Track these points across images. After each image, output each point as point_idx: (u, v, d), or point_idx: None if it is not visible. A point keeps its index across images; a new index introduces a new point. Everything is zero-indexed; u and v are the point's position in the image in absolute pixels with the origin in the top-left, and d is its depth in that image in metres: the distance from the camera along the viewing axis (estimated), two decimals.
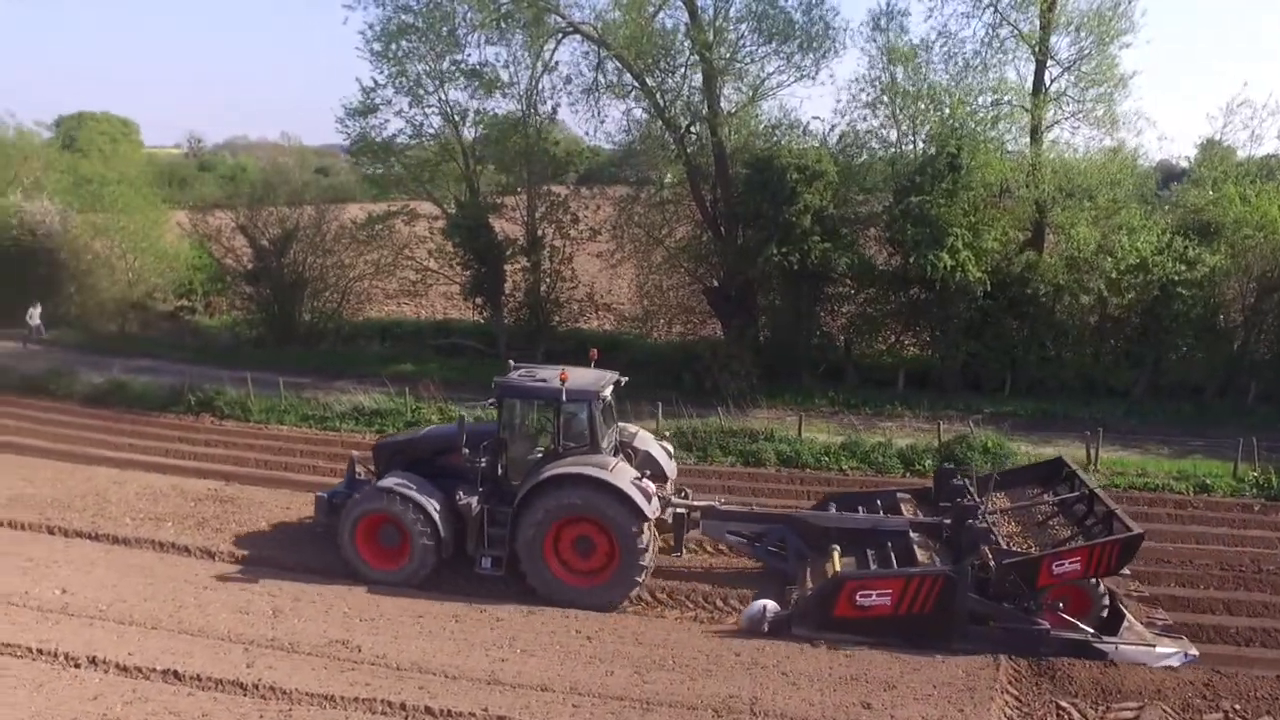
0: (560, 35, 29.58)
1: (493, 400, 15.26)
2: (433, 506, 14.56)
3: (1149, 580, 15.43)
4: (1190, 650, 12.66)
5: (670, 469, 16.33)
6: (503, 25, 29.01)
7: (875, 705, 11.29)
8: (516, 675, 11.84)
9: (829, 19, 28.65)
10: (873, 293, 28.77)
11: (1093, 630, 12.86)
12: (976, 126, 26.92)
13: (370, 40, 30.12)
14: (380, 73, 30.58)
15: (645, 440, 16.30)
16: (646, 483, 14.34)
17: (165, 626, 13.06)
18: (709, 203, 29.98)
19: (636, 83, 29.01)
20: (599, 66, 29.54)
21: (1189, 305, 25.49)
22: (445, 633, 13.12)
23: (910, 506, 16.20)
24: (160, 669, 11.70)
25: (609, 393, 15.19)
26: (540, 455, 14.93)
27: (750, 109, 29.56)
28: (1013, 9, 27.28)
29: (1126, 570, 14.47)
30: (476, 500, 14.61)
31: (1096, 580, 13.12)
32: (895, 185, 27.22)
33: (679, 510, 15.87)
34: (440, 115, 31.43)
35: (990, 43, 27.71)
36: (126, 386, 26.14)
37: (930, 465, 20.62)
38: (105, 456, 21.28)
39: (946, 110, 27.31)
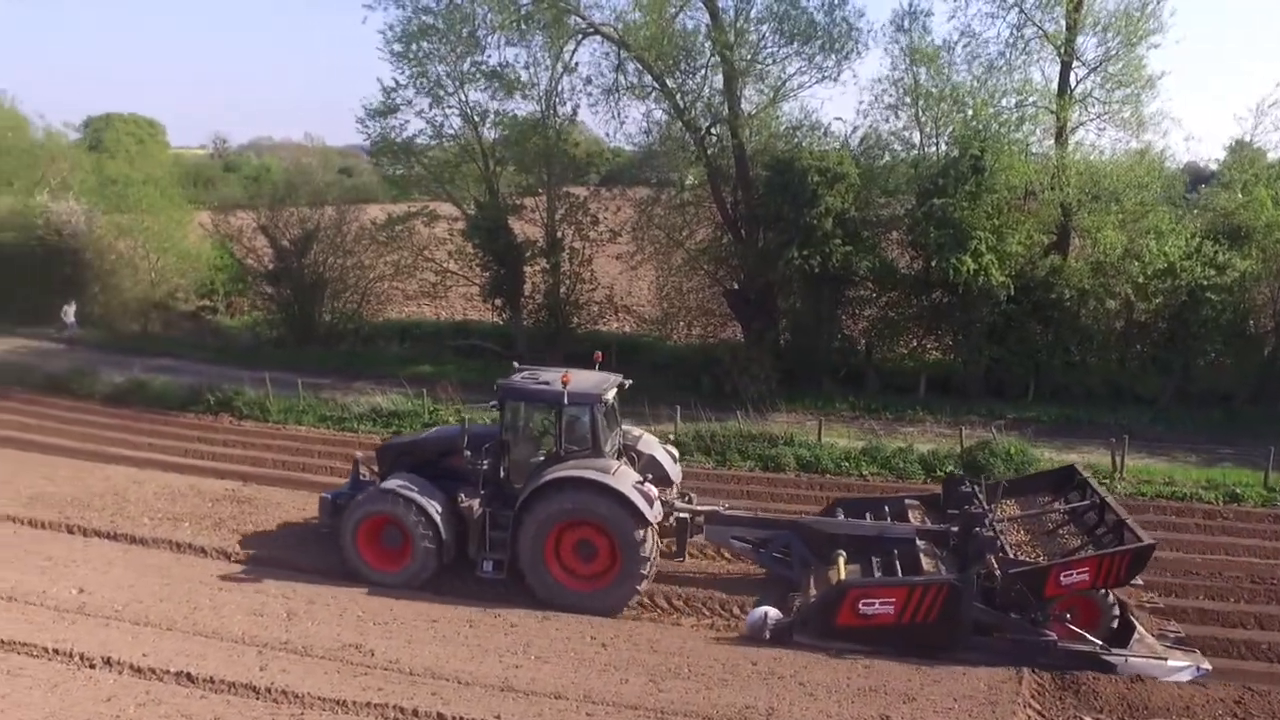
0: (580, 36, 29.48)
1: (494, 403, 15.19)
2: (435, 509, 14.50)
3: (1177, 593, 15.11)
4: (1203, 664, 12.33)
5: (674, 473, 16.16)
6: (523, 27, 28.97)
7: (894, 718, 11.09)
8: (530, 682, 11.72)
9: (851, 19, 28.44)
10: (894, 296, 28.48)
11: (1101, 642, 12.57)
12: (1000, 128, 26.59)
13: (390, 41, 30.21)
14: (401, 73, 30.68)
15: (649, 444, 16.16)
16: (649, 487, 14.21)
17: (180, 628, 13.06)
18: (729, 205, 29.79)
19: (657, 84, 28.88)
20: (619, 67, 29.45)
21: (1218, 311, 25.04)
22: (459, 638, 13.03)
23: (918, 513, 15.94)
24: (174, 671, 11.67)
25: (612, 396, 15.06)
26: (542, 458, 14.84)
27: (771, 110, 29.35)
28: (1038, 9, 27.02)
29: (1140, 580, 14.17)
30: (478, 503, 14.53)
31: (1106, 591, 12.84)
32: (918, 187, 26.89)
33: (682, 515, 15.70)
34: (460, 116, 31.42)
35: (1014, 43, 27.47)
36: (147, 386, 26.27)
37: (952, 470, 20.33)
38: (125, 455, 21.38)
39: (970, 112, 27.00)
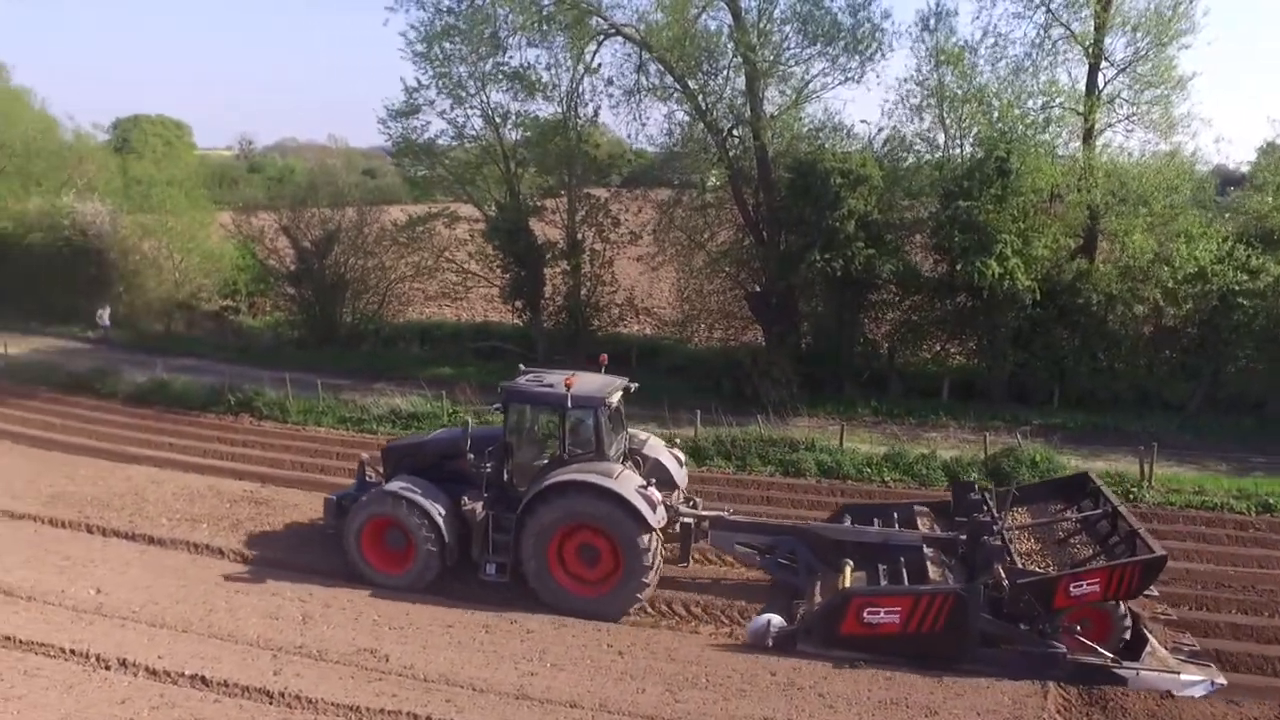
0: (602, 37, 29.39)
1: (498, 405, 15.10)
2: (438, 511, 14.44)
3: (1209, 606, 14.72)
4: (1218, 679, 11.98)
5: (680, 477, 15.97)
6: (544, 28, 28.87)
7: None
8: (545, 690, 11.57)
9: (876, 20, 28.14)
10: (918, 300, 28.14)
11: (1112, 655, 12.24)
12: (1026, 130, 26.18)
13: (412, 42, 30.23)
14: (424, 74, 30.69)
15: (655, 448, 15.97)
16: (652, 491, 14.04)
17: (196, 630, 13.04)
18: (751, 207, 29.55)
19: (678, 85, 28.71)
20: (641, 68, 29.31)
21: (1250, 316, 24.47)
22: (475, 643, 12.90)
23: (927, 520, 15.65)
24: (188, 674, 11.64)
25: (616, 399, 14.92)
26: (546, 461, 14.73)
27: (794, 112, 29.03)
28: (1065, 9, 26.63)
29: (1155, 592, 13.87)
30: (481, 506, 14.46)
31: (1118, 603, 12.51)
32: (942, 190, 26.48)
33: (686, 520, 15.52)
34: (482, 117, 31.40)
35: (1041, 44, 27.06)
36: (168, 386, 26.41)
37: (976, 478, 19.96)
38: (145, 455, 21.51)
39: (995, 113, 26.61)
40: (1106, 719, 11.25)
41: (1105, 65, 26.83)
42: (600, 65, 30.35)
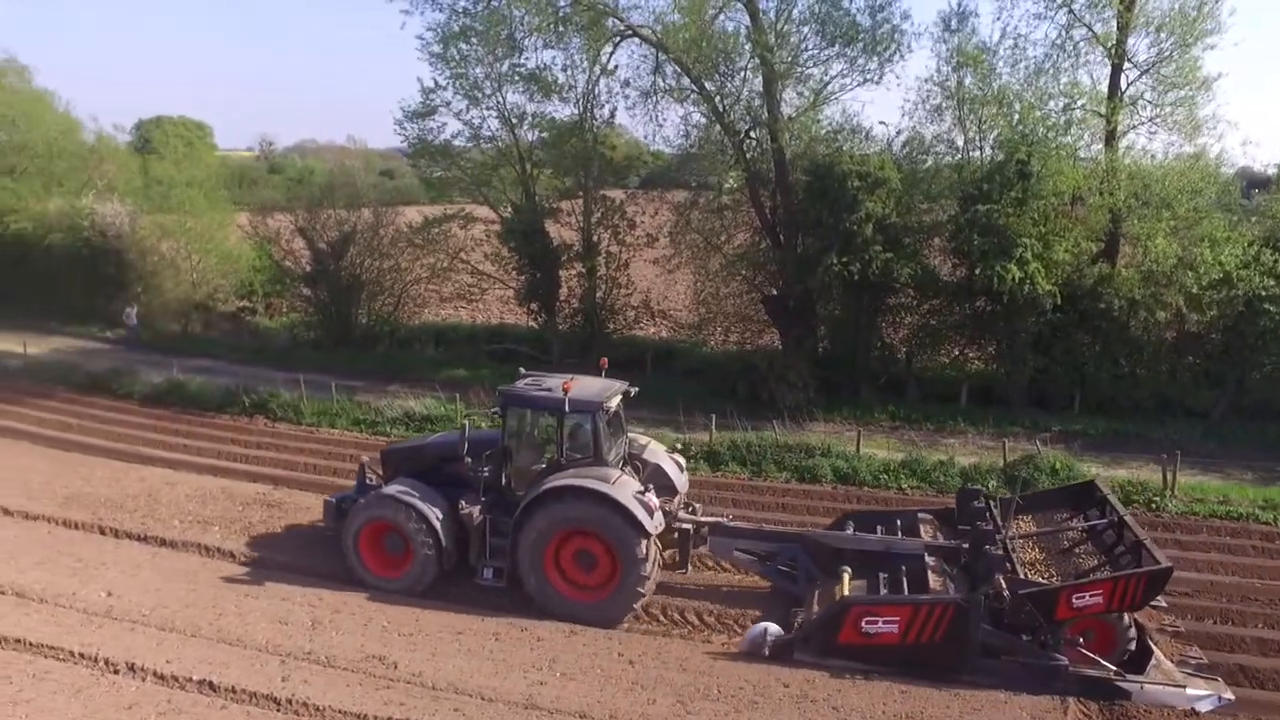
0: (618, 39, 29.26)
1: (496, 409, 15.00)
2: (435, 515, 14.36)
3: (1234, 620, 14.37)
4: (1225, 693, 11.67)
5: (680, 483, 15.76)
6: (560, 29, 28.76)
7: None
8: (555, 700, 11.43)
9: (895, 20, 27.78)
10: (936, 304, 27.73)
11: (1115, 668, 11.96)
12: (1047, 132, 25.79)
13: (429, 43, 30.23)
14: (440, 74, 30.68)
15: (655, 452, 15.79)
16: (650, 497, 13.90)
17: (204, 634, 12.99)
18: (768, 209, 29.32)
19: (695, 86, 28.51)
20: (657, 70, 29.14)
21: (1277, 322, 23.92)
22: (484, 651, 12.78)
23: (930, 528, 15.39)
24: (196, 679, 11.59)
25: (615, 403, 14.78)
26: (544, 466, 14.62)
27: (812, 114, 28.76)
28: (1087, 10, 26.16)
29: (1163, 603, 13.71)
30: (479, 510, 14.38)
31: (1123, 614, 12.23)
32: (961, 193, 26.14)
33: (685, 526, 15.34)
34: (498, 118, 31.37)
35: (1062, 45, 26.61)
36: (184, 387, 26.45)
37: (995, 485, 19.73)
38: (160, 457, 21.56)
39: (1016, 115, 26.24)
40: None
41: (1128, 66, 26.40)
42: (616, 67, 30.31)
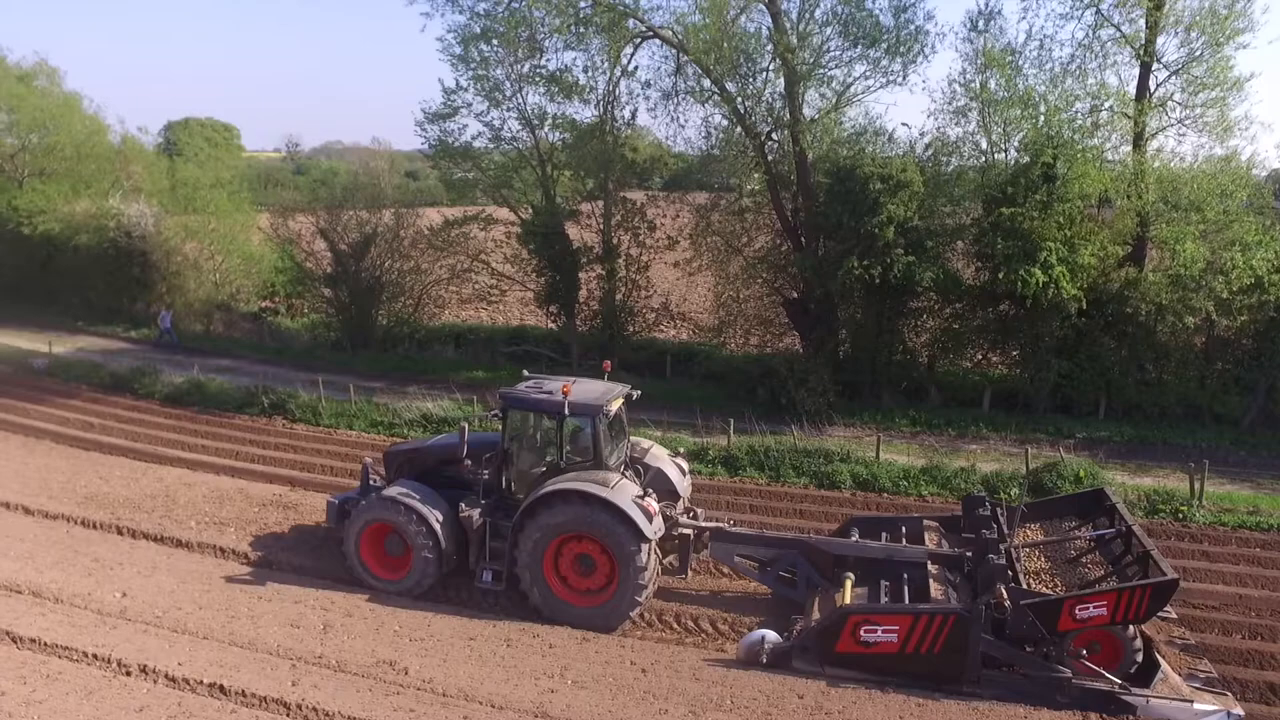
0: (639, 40, 29.13)
1: (496, 412, 14.93)
2: (435, 518, 14.31)
3: (1264, 635, 13.98)
4: (1234, 709, 11.34)
5: (683, 487, 15.61)
6: (580, 30, 28.65)
7: None
8: (565, 709, 11.29)
9: (919, 21, 27.44)
10: (959, 308, 27.32)
11: (1120, 681, 11.64)
12: (1074, 134, 25.39)
13: (450, 44, 30.23)
14: (462, 75, 30.69)
15: (658, 456, 15.64)
16: (649, 501, 13.75)
17: (217, 637, 12.98)
18: (789, 212, 29.08)
19: (716, 88, 28.31)
20: (678, 71, 28.98)
21: None
22: (496, 657, 12.67)
23: (935, 535, 15.12)
24: (207, 682, 11.57)
25: (616, 407, 14.63)
26: (544, 469, 14.51)
27: (834, 115, 28.47)
28: (1115, 9, 25.79)
29: (1173, 614, 13.42)
30: (479, 512, 14.30)
31: (1128, 626, 11.92)
32: (985, 196, 25.76)
33: (686, 531, 15.17)
34: (518, 119, 31.34)
35: (1089, 45, 26.22)
36: (204, 387, 26.57)
37: (1017, 493, 19.38)
38: (178, 457, 21.65)
39: (1041, 117, 25.84)
40: None
41: (1157, 67, 25.97)
42: (637, 68, 30.22)
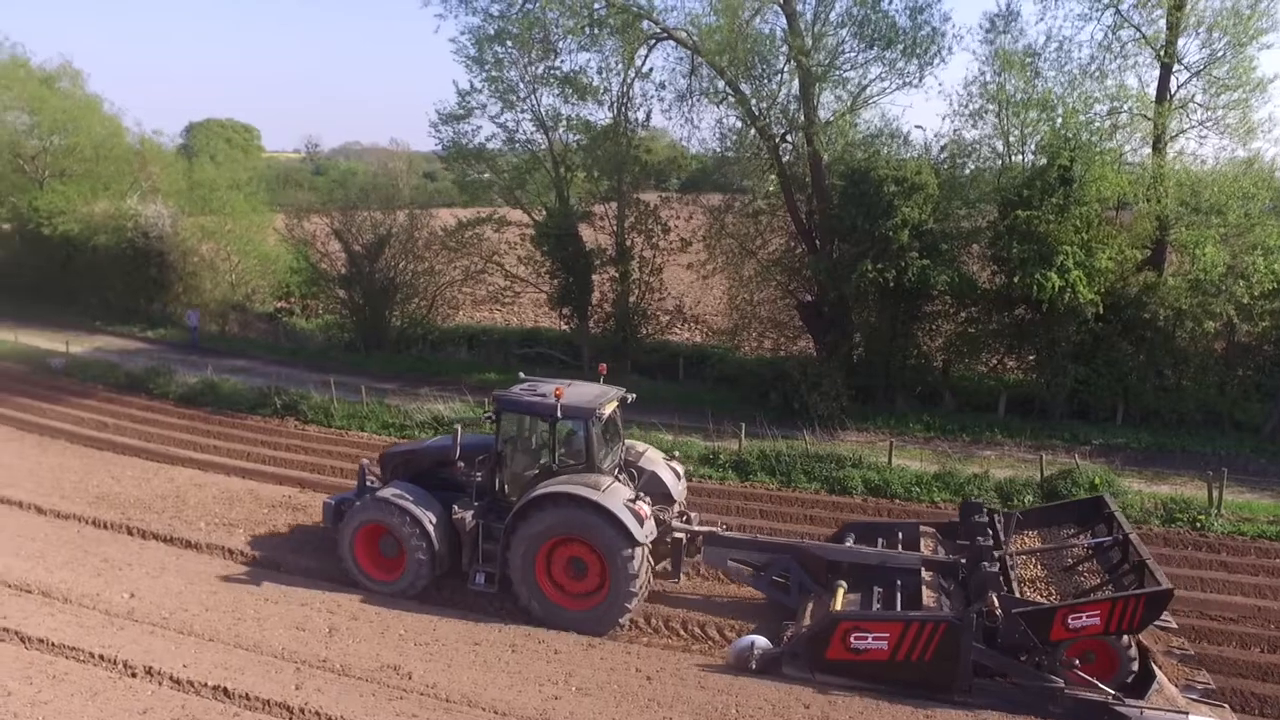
0: (653, 41, 29.03)
1: (489, 415, 14.91)
2: (428, 519, 14.31)
3: None
4: None
5: (677, 491, 15.51)
6: (594, 32, 28.58)
7: None
8: (569, 716, 11.21)
9: (935, 23, 27.16)
10: (974, 312, 27.00)
11: (1113, 691, 11.42)
12: (1092, 137, 25.06)
13: (465, 46, 30.23)
14: (476, 77, 30.69)
15: (652, 460, 15.56)
16: (641, 505, 13.67)
17: (222, 639, 12.98)
18: (804, 214, 28.89)
19: (730, 89, 28.18)
20: (693, 72, 28.87)
21: None
22: (500, 663, 12.59)
23: (932, 541, 14.95)
24: (211, 685, 11.56)
25: (610, 410, 14.54)
26: (536, 471, 14.48)
27: (849, 118, 28.22)
28: (1135, 10, 25.39)
29: (1172, 624, 13.22)
30: (471, 514, 14.27)
31: (1123, 635, 11.72)
32: (1001, 199, 25.51)
33: (679, 535, 15.07)
34: (533, 120, 31.32)
35: (1109, 46, 25.86)
36: (218, 387, 26.68)
37: (1031, 500, 19.17)
38: (190, 457, 21.75)
39: (1059, 119, 25.54)
40: None
41: (1178, 68, 25.56)
42: (651, 70, 30.14)
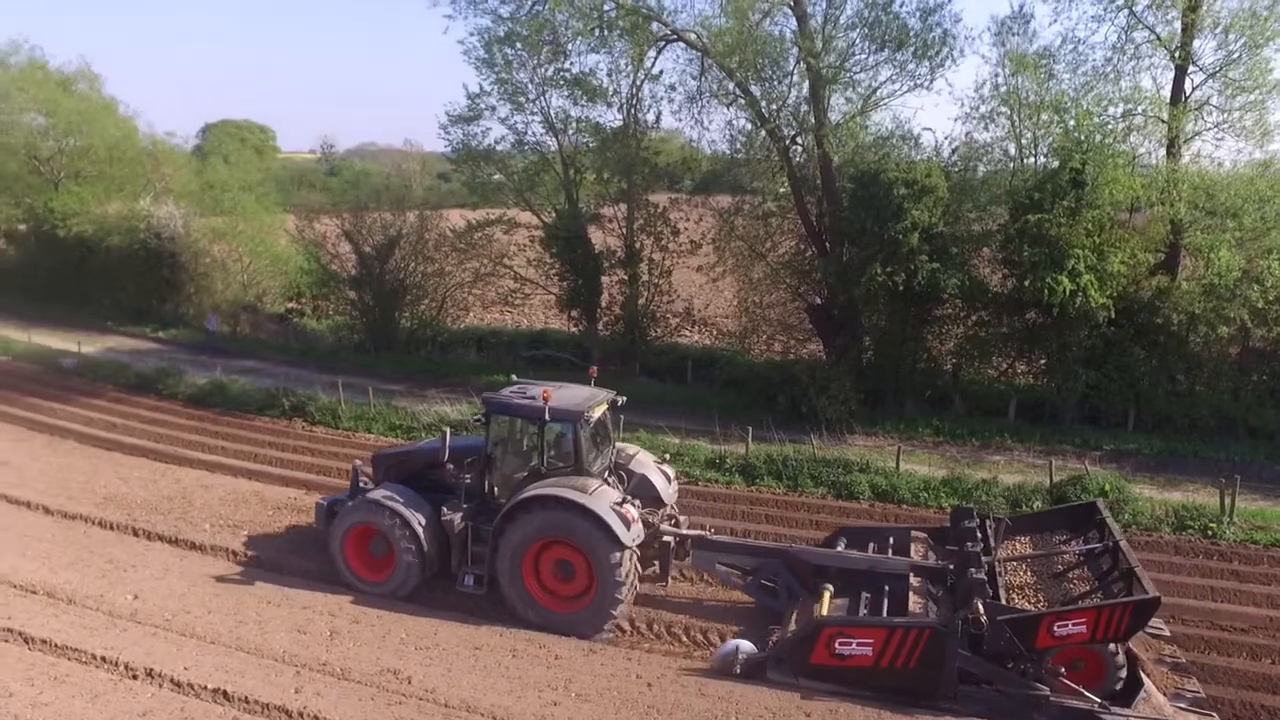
0: (663, 43, 28.94)
1: (479, 417, 14.92)
2: (418, 521, 14.37)
3: None
4: None
5: (667, 494, 15.49)
6: (604, 33, 28.52)
7: None
8: None
9: (947, 24, 26.96)
10: (984, 315, 26.77)
11: (1099, 700, 11.27)
12: (1105, 139, 24.81)
13: (474, 47, 30.23)
14: (486, 79, 30.68)
15: (643, 463, 15.56)
16: (628, 508, 13.63)
17: (224, 641, 12.98)
18: (814, 217, 28.76)
19: (740, 91, 28.07)
20: (702, 74, 28.78)
21: None
22: (500, 668, 12.54)
23: (922, 547, 14.82)
24: (211, 687, 11.56)
25: (599, 413, 14.56)
26: (526, 474, 14.47)
27: (860, 120, 28.06)
28: (1150, 11, 25.17)
29: (1165, 631, 13.10)
30: (460, 516, 14.29)
31: (1108, 643, 11.54)
32: (1012, 202, 25.33)
33: (667, 538, 15.03)
34: (542, 122, 31.29)
35: (1123, 48, 25.62)
36: (227, 388, 26.78)
37: (1039, 506, 18.97)
38: (197, 458, 21.83)
39: (1072, 122, 25.30)
40: None
41: (1193, 69, 25.33)
42: (661, 72, 30.03)
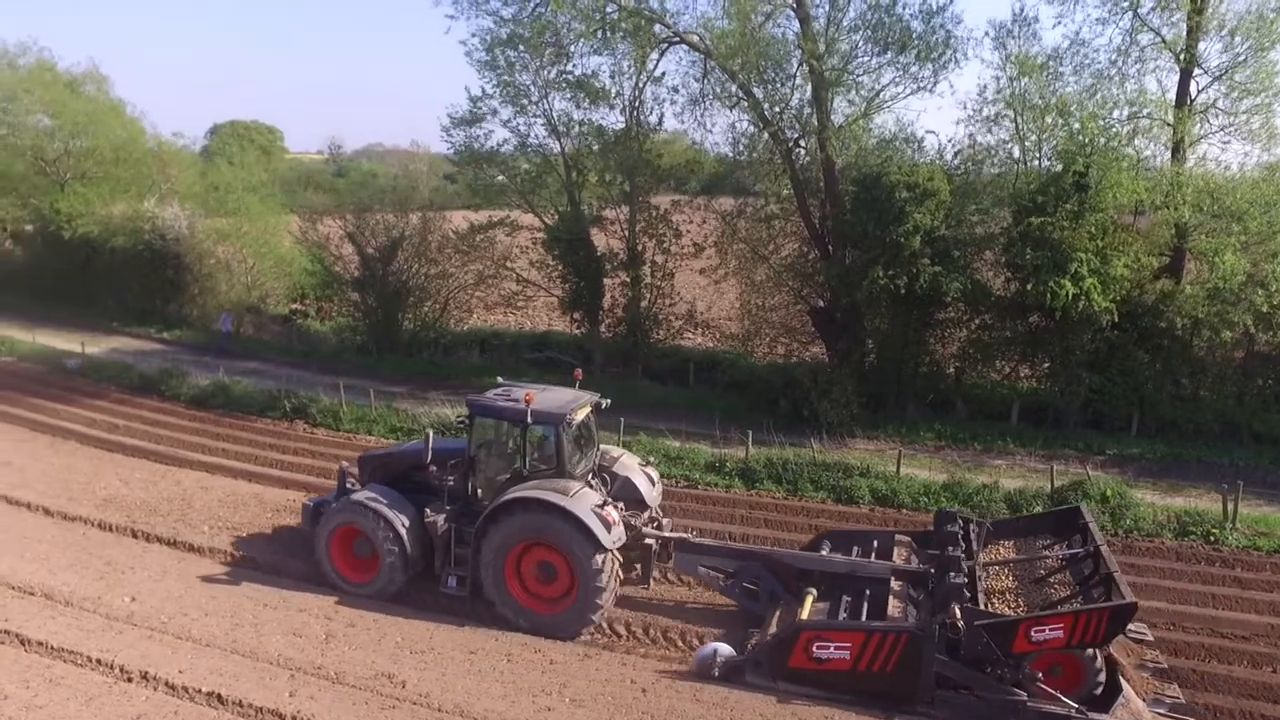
0: (665, 45, 28.91)
1: (462, 420, 14.95)
2: (401, 522, 14.43)
3: None
4: None
5: (651, 497, 15.48)
6: (606, 35, 28.49)
7: None
8: None
9: (949, 27, 26.87)
10: (987, 319, 26.67)
11: (1076, 705, 11.24)
12: (1109, 142, 24.69)
13: (476, 49, 30.22)
14: (488, 82, 30.68)
15: (627, 465, 15.56)
16: (609, 511, 13.66)
17: (219, 644, 13.00)
18: (817, 220, 28.69)
19: (743, 93, 28.02)
20: (705, 76, 28.75)
21: None
22: (495, 673, 12.53)
23: (905, 551, 14.78)
24: (205, 691, 11.59)
25: (582, 415, 14.58)
26: (508, 476, 14.49)
27: (862, 122, 27.99)
28: (1155, 13, 25.02)
29: (1148, 636, 13.08)
30: (443, 518, 14.32)
31: (1088, 648, 11.52)
32: (1015, 205, 25.22)
33: (649, 541, 15.03)
34: (544, 125, 31.26)
35: (1128, 51, 25.48)
36: (229, 389, 26.78)
37: (1040, 510, 18.84)
38: (198, 460, 21.85)
39: (1076, 125, 25.18)
40: None
41: (1199, 72, 25.16)
42: (664, 74, 30.00)
